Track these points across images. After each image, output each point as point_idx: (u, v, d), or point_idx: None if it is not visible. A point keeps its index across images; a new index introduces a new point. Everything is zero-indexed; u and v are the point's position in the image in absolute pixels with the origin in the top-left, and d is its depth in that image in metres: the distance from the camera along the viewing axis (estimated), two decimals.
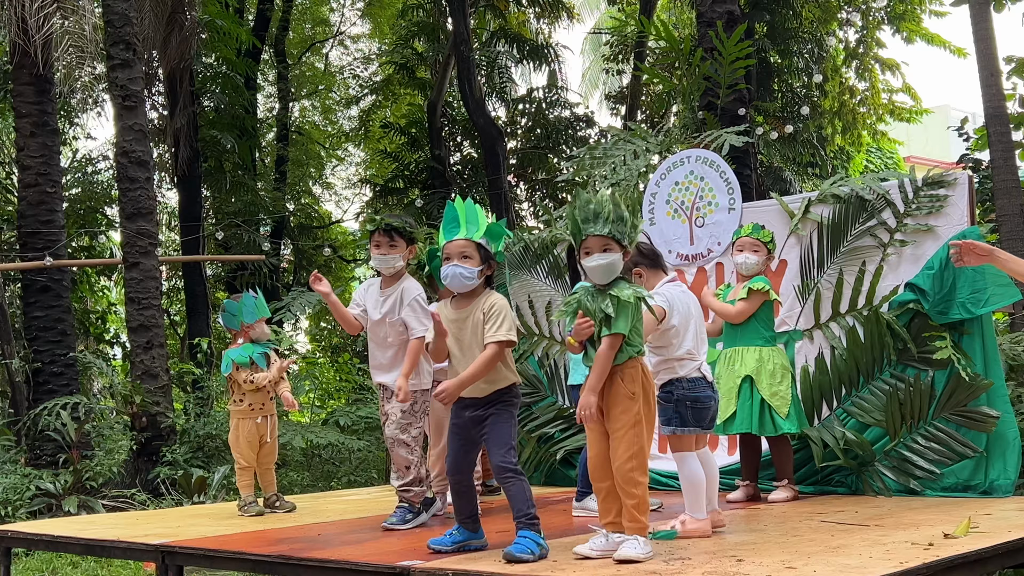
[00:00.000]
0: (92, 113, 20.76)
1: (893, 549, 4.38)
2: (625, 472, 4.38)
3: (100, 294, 21.33)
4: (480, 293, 4.83)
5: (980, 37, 8.83)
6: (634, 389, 4.45)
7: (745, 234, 6.76)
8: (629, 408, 4.43)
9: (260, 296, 7.36)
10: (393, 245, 6.01)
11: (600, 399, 4.47)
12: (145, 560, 6.61)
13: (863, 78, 17.97)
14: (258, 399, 7.14)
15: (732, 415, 6.64)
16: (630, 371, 4.48)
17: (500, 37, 20.78)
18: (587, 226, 4.51)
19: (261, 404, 7.14)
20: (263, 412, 7.15)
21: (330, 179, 26.73)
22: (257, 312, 7.25)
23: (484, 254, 4.81)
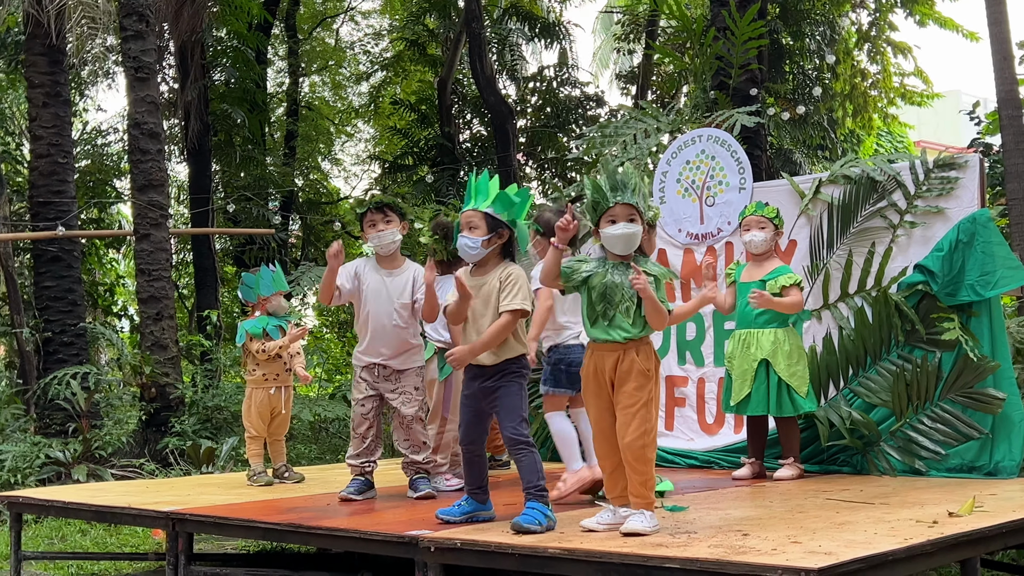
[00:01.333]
0: (103, 85, 20.81)
1: (898, 527, 4.41)
2: (636, 448, 4.38)
3: (108, 266, 21.41)
4: (497, 263, 4.86)
5: (994, 20, 8.81)
6: (649, 366, 4.46)
7: (750, 213, 6.80)
8: (644, 385, 4.43)
9: (279, 270, 7.38)
10: (388, 220, 6.03)
11: (611, 373, 4.48)
12: (155, 527, 6.69)
13: (875, 61, 17.89)
14: (272, 369, 7.18)
15: (747, 397, 6.68)
16: (645, 347, 4.50)
17: (512, 14, 20.74)
18: (615, 194, 4.50)
19: (276, 375, 7.19)
20: (277, 383, 7.20)
21: (339, 155, 26.74)
22: (274, 285, 7.29)
23: (492, 223, 4.82)
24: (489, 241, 4.82)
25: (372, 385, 6.09)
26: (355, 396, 6.13)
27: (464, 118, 21.27)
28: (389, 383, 6.07)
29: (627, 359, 4.46)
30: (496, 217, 4.83)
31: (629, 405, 4.42)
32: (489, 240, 4.82)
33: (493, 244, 4.84)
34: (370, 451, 6.11)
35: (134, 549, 7.85)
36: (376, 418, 6.13)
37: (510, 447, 4.71)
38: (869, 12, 17.82)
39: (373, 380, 6.09)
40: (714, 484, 6.56)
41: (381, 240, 6.02)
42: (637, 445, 4.39)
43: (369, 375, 6.09)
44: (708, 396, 7.87)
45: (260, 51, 20.09)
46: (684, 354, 8.01)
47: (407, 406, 6.03)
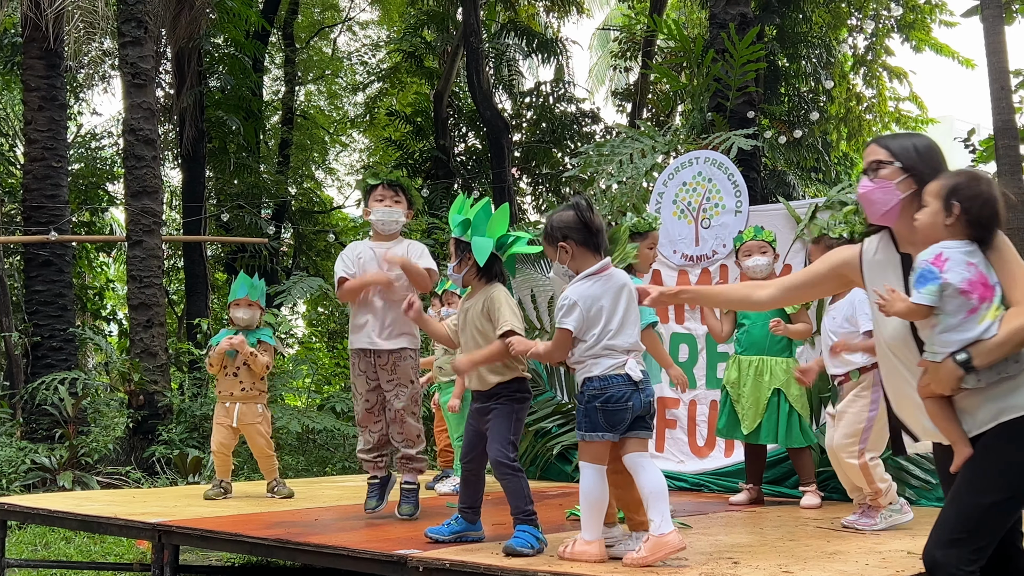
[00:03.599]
0: (98, 89, 20.78)
1: (889, 557, 4.40)
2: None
3: (99, 270, 21.33)
4: (481, 285, 4.82)
5: (992, 50, 8.82)
6: None
7: (749, 238, 6.77)
8: None
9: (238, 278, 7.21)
10: (398, 200, 5.82)
11: None
12: (140, 538, 6.63)
13: (870, 85, 17.96)
14: (225, 386, 7.10)
15: (759, 426, 6.65)
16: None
17: (509, 30, 20.77)
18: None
19: (231, 392, 7.10)
20: (231, 399, 7.10)
21: (333, 165, 26.71)
22: (231, 296, 7.21)
23: (459, 247, 4.82)
24: (460, 265, 4.81)
25: (370, 376, 5.84)
26: (357, 389, 5.90)
27: (459, 131, 21.28)
28: (385, 372, 5.80)
29: None
30: (460, 239, 4.81)
31: None
32: (459, 264, 4.81)
33: (464, 267, 4.80)
34: (382, 444, 5.90)
35: (118, 558, 7.79)
36: (382, 411, 5.89)
37: (495, 469, 4.69)
38: (866, 36, 17.89)
39: (369, 370, 5.83)
40: (704, 508, 6.54)
41: (387, 216, 5.74)
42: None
43: (365, 365, 5.82)
44: (699, 418, 7.86)
45: (257, 59, 20.09)
46: None
47: (399, 399, 5.79)
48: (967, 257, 3.24)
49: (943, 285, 3.21)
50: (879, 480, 5.48)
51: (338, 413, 12.18)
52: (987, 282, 3.22)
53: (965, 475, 3.23)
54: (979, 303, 3.19)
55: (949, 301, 3.21)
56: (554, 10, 21.97)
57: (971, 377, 3.19)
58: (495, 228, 4.78)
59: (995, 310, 3.19)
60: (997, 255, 3.27)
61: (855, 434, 5.54)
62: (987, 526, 3.16)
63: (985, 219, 3.27)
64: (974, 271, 3.22)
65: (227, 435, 7.14)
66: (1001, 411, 3.18)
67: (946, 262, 3.23)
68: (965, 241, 3.27)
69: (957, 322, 3.20)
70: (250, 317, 7.14)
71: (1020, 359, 3.18)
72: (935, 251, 3.28)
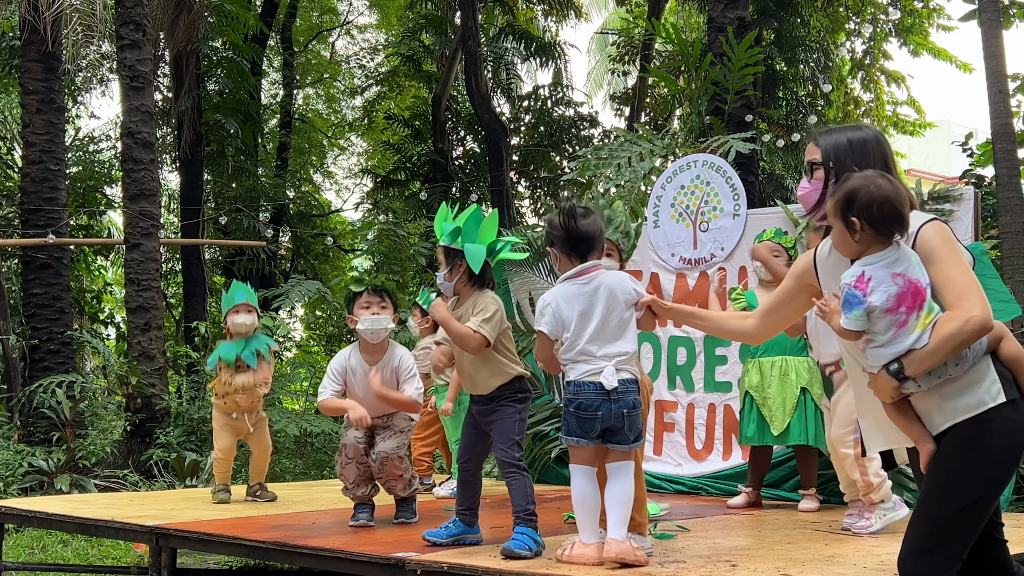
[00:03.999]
0: (96, 92, 20.77)
1: (888, 560, 4.39)
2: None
3: (96, 273, 21.31)
4: (470, 293, 4.83)
5: (990, 54, 8.84)
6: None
7: (767, 237, 6.70)
8: None
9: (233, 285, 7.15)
10: (384, 306, 5.63)
11: None
12: (138, 541, 6.63)
13: (868, 89, 18.00)
14: (228, 402, 7.05)
15: (788, 427, 6.60)
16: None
17: (507, 33, 20.79)
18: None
19: (236, 404, 7.05)
20: (237, 409, 7.06)
21: (331, 168, 26.71)
22: (225, 304, 7.11)
23: (448, 255, 4.81)
24: (451, 273, 4.80)
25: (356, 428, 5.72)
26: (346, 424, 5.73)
27: (458, 135, 21.29)
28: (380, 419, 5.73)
29: None
30: (450, 248, 4.81)
31: None
32: (451, 272, 4.80)
33: (456, 275, 4.80)
34: (370, 477, 5.74)
35: (115, 561, 7.79)
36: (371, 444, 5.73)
37: (502, 470, 4.71)
38: (864, 40, 17.93)
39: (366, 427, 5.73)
40: (702, 511, 6.54)
41: (374, 325, 5.54)
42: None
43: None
44: (697, 422, 7.86)
45: (255, 62, 20.09)
46: (674, 379, 8.00)
47: (384, 441, 5.63)
48: (891, 268, 3.16)
49: (868, 309, 3.16)
50: (873, 475, 5.46)
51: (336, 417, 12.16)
52: (917, 287, 3.13)
53: (927, 484, 3.20)
54: (907, 315, 3.13)
55: (877, 321, 3.16)
56: (552, 14, 21.99)
57: (911, 383, 3.16)
58: (485, 235, 4.81)
59: (926, 317, 3.12)
60: (925, 255, 3.19)
61: (849, 423, 5.53)
62: (955, 532, 3.11)
63: (888, 218, 3.17)
64: (901, 282, 3.13)
65: (232, 441, 7.12)
66: (954, 411, 3.14)
67: (869, 282, 3.16)
68: (886, 250, 3.19)
69: (888, 339, 3.16)
70: (252, 322, 7.07)
71: (961, 361, 3.12)
72: (856, 271, 3.20)
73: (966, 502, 3.10)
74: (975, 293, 3.09)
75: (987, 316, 3.06)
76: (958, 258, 3.18)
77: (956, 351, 3.09)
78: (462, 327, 4.66)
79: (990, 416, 3.11)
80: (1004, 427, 3.11)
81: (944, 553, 3.10)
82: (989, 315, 3.07)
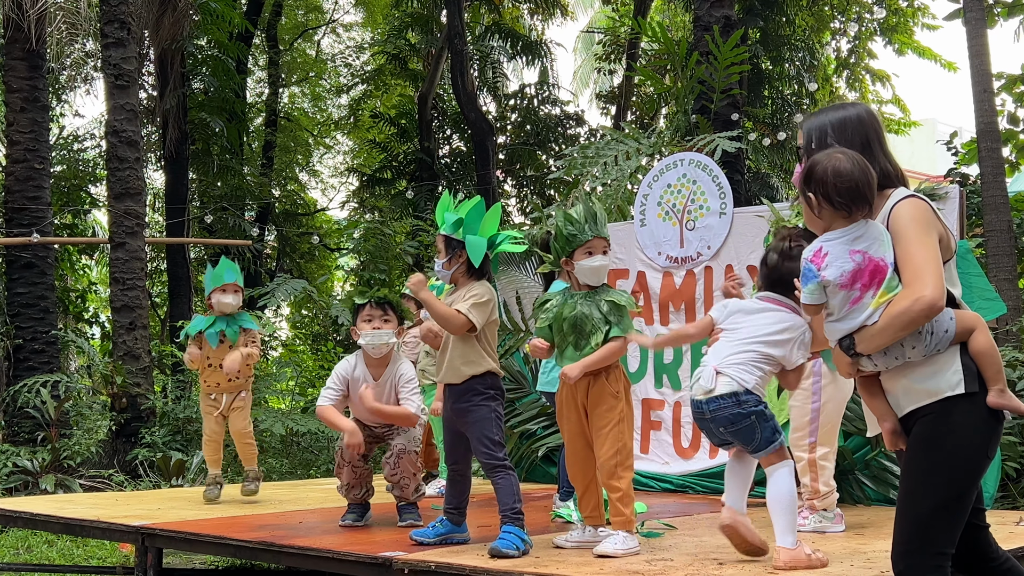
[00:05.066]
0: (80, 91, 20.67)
1: (874, 558, 4.41)
2: (610, 467, 4.51)
3: (81, 273, 21.22)
4: (465, 282, 4.85)
5: (975, 53, 8.88)
6: (618, 389, 4.61)
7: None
8: (614, 406, 4.57)
9: (221, 263, 7.04)
10: (387, 319, 5.51)
11: (584, 398, 4.60)
12: (124, 541, 6.61)
13: (853, 88, 18.04)
14: (211, 377, 6.98)
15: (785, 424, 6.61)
16: (615, 371, 4.64)
17: (494, 32, 20.78)
18: (593, 227, 4.64)
19: (216, 383, 6.99)
20: (217, 390, 7.00)
21: (317, 167, 26.65)
22: (212, 281, 7.01)
23: (448, 244, 4.82)
24: (449, 262, 4.81)
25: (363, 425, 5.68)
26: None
27: (444, 133, 21.26)
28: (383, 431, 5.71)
29: (597, 383, 4.61)
30: (451, 237, 4.81)
31: (602, 426, 4.57)
32: (449, 261, 4.81)
33: (454, 265, 4.82)
34: (368, 479, 5.72)
35: (101, 562, 7.76)
36: (369, 446, 5.71)
37: (487, 471, 4.71)
38: (849, 39, 17.98)
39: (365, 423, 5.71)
40: (689, 509, 6.55)
41: (376, 340, 5.42)
42: (611, 464, 4.52)
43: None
44: (684, 420, 7.86)
45: (240, 61, 20.02)
46: (661, 377, 8.01)
47: (399, 435, 5.60)
48: (850, 245, 3.15)
49: (822, 283, 3.17)
50: (823, 483, 5.46)
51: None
52: (877, 266, 3.11)
53: (902, 484, 3.20)
54: (862, 292, 3.12)
55: (832, 295, 3.18)
56: (538, 12, 21.98)
57: (865, 360, 3.19)
58: (487, 228, 4.84)
59: (882, 296, 3.11)
60: (893, 232, 3.16)
61: (803, 427, 5.53)
62: (935, 530, 3.08)
63: (847, 194, 3.16)
64: (860, 259, 3.13)
65: (217, 424, 7.06)
66: (916, 395, 3.14)
67: (824, 257, 3.18)
68: (850, 226, 3.18)
69: (843, 314, 3.17)
70: (237, 303, 7.00)
71: (918, 344, 3.09)
72: (815, 246, 3.23)
73: (940, 499, 3.07)
74: (930, 273, 3.05)
75: (937, 296, 3.02)
76: (924, 237, 3.13)
77: (905, 330, 3.06)
78: (445, 307, 4.68)
79: (949, 410, 3.09)
80: (964, 420, 3.09)
81: (930, 551, 3.08)
82: (940, 296, 3.02)
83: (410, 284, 4.72)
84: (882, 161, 3.37)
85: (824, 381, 5.48)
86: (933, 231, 3.15)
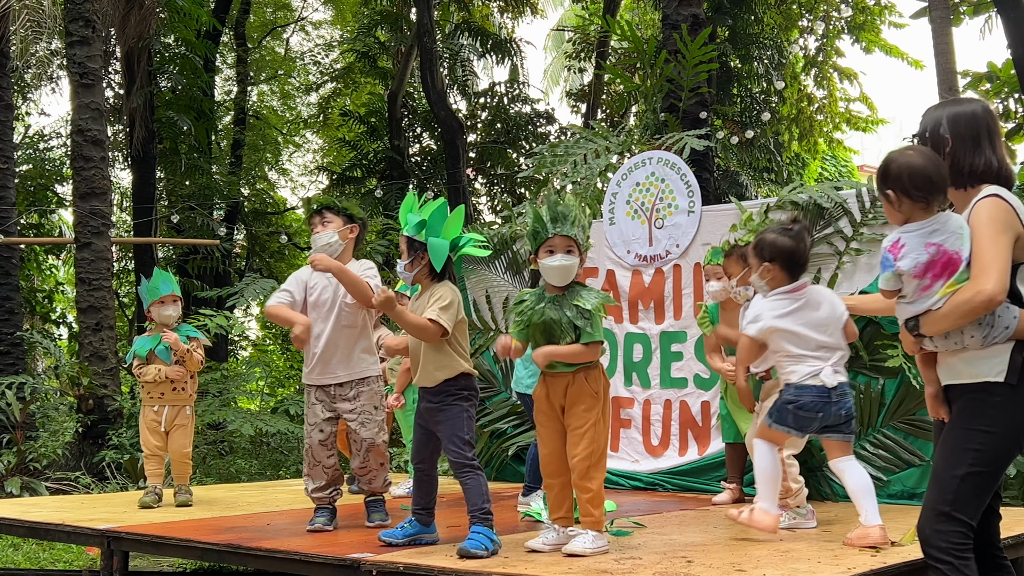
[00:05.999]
0: (46, 89, 20.47)
1: (841, 555, 4.43)
2: (583, 468, 4.48)
3: (48, 273, 21.03)
4: (429, 285, 4.81)
5: (940, 51, 8.94)
6: (597, 389, 4.57)
7: (706, 263, 6.72)
8: (592, 407, 4.54)
9: (155, 274, 6.99)
10: (326, 222, 5.55)
11: (561, 398, 4.57)
12: (90, 545, 6.54)
13: (821, 86, 18.12)
14: (156, 388, 6.94)
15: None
16: (594, 372, 4.60)
17: (463, 30, 20.73)
18: (555, 225, 4.58)
19: (160, 393, 6.94)
20: (161, 401, 6.95)
21: (286, 165, 26.52)
22: (148, 295, 6.96)
23: (410, 245, 4.79)
24: (412, 264, 4.78)
25: (329, 406, 5.53)
26: (310, 421, 5.55)
27: (414, 132, 21.20)
28: (347, 402, 5.52)
29: (576, 383, 4.57)
30: (414, 239, 4.78)
31: (578, 426, 4.54)
32: (412, 263, 4.78)
33: (416, 266, 4.78)
34: (338, 480, 5.63)
35: (67, 565, 7.68)
36: (335, 444, 5.63)
37: (455, 471, 4.69)
38: (816, 38, 18.05)
39: (329, 400, 5.53)
40: (658, 507, 6.56)
41: (316, 242, 5.47)
42: (584, 466, 4.49)
43: (324, 395, 5.54)
44: (654, 418, 7.87)
45: (208, 59, 19.89)
46: (631, 376, 8.01)
47: (365, 427, 5.51)
48: (927, 237, 3.42)
49: (897, 272, 3.45)
50: (792, 480, 5.51)
51: (292, 416, 12.10)
52: (951, 258, 3.38)
53: (938, 451, 3.52)
54: (933, 282, 3.40)
55: (906, 284, 3.46)
56: (508, 10, 21.97)
57: (927, 341, 3.50)
58: (451, 230, 4.79)
59: (950, 286, 3.37)
60: (971, 229, 3.40)
61: None
62: (964, 495, 3.37)
63: (920, 187, 3.44)
64: (934, 251, 3.39)
65: (161, 439, 6.99)
66: (959, 373, 3.46)
67: (902, 248, 3.45)
68: (928, 219, 3.44)
69: (913, 299, 3.47)
70: (177, 314, 6.98)
71: (977, 333, 3.37)
72: (894, 237, 3.50)
73: (971, 469, 3.38)
74: (995, 270, 3.30)
75: (997, 291, 3.28)
76: (996, 235, 3.35)
77: (965, 319, 3.35)
78: (417, 318, 4.65)
79: (990, 390, 3.39)
80: (1004, 403, 3.38)
81: (958, 517, 3.37)
82: (1000, 291, 3.29)
83: (377, 304, 4.68)
84: (988, 156, 3.55)
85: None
86: (1009, 231, 3.39)
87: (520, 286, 8.48)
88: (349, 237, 5.59)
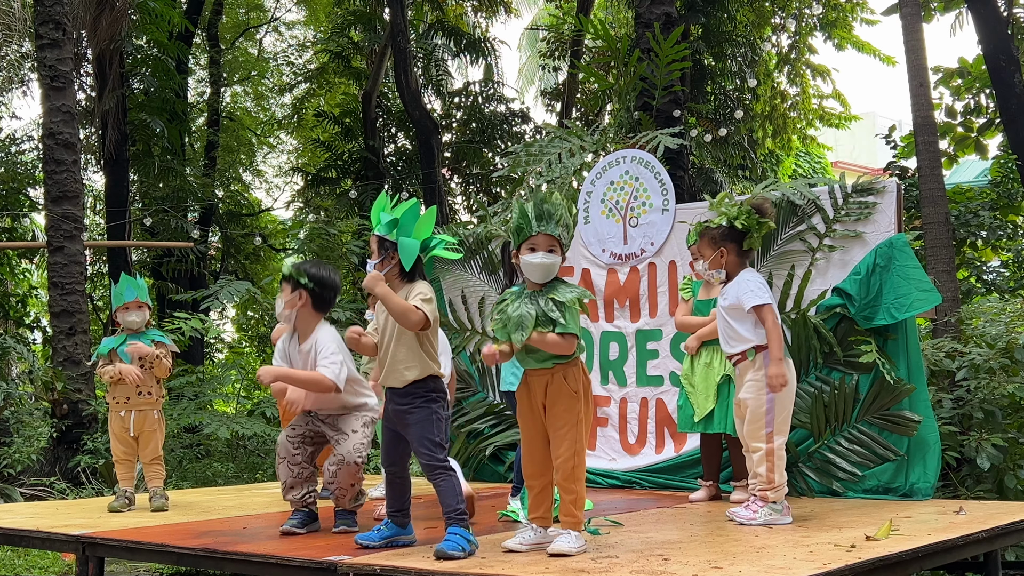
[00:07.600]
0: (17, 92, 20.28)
1: (816, 550, 4.45)
2: (568, 469, 4.50)
3: (21, 277, 20.86)
4: (400, 286, 4.75)
5: (911, 48, 8.98)
6: (576, 388, 4.58)
7: (689, 244, 6.80)
8: (572, 406, 4.55)
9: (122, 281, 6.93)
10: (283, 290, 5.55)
11: (542, 396, 4.58)
12: (65, 551, 6.50)
13: (794, 83, 18.20)
14: (121, 392, 6.87)
15: (710, 414, 6.67)
16: (573, 370, 4.60)
17: (437, 29, 20.69)
18: (539, 223, 4.59)
19: (126, 398, 6.87)
20: (127, 406, 6.88)
21: (261, 166, 26.40)
22: (115, 300, 6.93)
23: (381, 245, 4.77)
24: (382, 263, 4.76)
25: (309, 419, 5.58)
26: (282, 434, 5.59)
27: (389, 132, 21.15)
28: (327, 426, 5.54)
29: (555, 382, 4.58)
30: (384, 238, 4.77)
31: (559, 426, 4.55)
32: (382, 262, 4.76)
33: (387, 266, 4.74)
34: (308, 480, 5.58)
35: (43, 571, 7.63)
36: (309, 444, 5.58)
37: (428, 473, 4.67)
38: (789, 35, 18.13)
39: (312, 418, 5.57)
40: (635, 505, 6.57)
41: (277, 310, 5.62)
42: (568, 466, 4.51)
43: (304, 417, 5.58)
44: (630, 416, 7.89)
45: (181, 60, 19.76)
46: (607, 374, 8.03)
47: (341, 444, 5.45)
48: None
49: None
50: (778, 473, 5.52)
51: (268, 418, 12.03)
52: None
53: None
54: None
55: None
56: (482, 10, 21.94)
57: None
58: (422, 230, 4.76)
59: None
60: None
61: (759, 418, 5.53)
62: None
63: None
64: None
65: (127, 443, 6.94)
66: None
67: None
68: None
69: None
70: (142, 320, 6.91)
71: None
72: None
73: None
74: None
75: None
76: None
77: None
78: (402, 302, 4.60)
79: None
80: None
81: None
82: None
83: (366, 282, 4.68)
84: None
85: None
86: None
87: (496, 286, 8.48)
88: (298, 304, 5.47)
